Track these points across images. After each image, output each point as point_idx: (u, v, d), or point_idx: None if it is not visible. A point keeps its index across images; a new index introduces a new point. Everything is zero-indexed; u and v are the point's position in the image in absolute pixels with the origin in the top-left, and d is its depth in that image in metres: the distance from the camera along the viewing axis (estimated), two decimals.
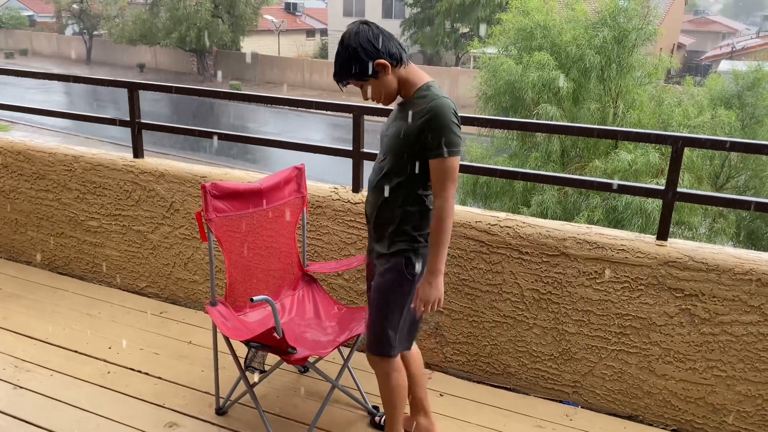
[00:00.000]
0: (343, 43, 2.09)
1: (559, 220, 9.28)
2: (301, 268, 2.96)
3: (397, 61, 2.10)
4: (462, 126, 2.19)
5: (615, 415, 2.92)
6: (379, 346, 2.30)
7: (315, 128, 25.18)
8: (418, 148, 2.12)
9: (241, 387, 2.82)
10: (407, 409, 2.59)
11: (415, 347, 2.55)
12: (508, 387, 3.09)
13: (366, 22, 2.12)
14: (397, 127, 2.19)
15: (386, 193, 2.22)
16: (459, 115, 2.13)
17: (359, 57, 2.07)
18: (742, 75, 11.32)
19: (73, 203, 3.96)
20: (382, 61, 2.08)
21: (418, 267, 2.23)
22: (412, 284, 2.24)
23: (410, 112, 2.12)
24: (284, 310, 2.83)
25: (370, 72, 2.09)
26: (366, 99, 2.20)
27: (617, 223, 9.09)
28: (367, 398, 2.87)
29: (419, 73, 2.17)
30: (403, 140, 2.14)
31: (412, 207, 2.21)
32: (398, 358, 2.36)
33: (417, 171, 2.16)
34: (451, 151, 2.08)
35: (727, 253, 2.64)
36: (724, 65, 25.08)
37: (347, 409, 2.86)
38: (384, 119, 2.49)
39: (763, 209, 2.75)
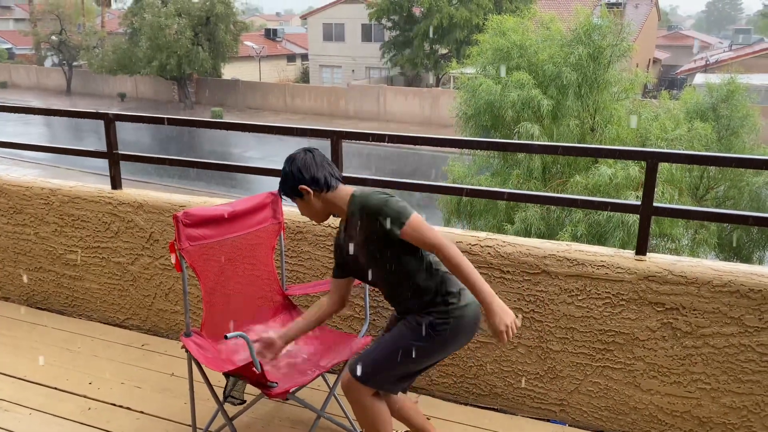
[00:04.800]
0: (284, 165, 2.37)
1: (543, 235, 9.36)
2: (281, 293, 2.94)
3: (320, 187, 2.32)
4: (443, 147, 2.26)
5: None
6: (363, 370, 2.28)
7: None
8: (386, 241, 2.22)
9: (221, 419, 2.77)
10: None
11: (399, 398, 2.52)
12: (495, 408, 3.07)
13: (309, 150, 2.35)
14: (353, 246, 2.34)
15: (398, 285, 2.32)
16: (383, 191, 2.28)
17: (287, 180, 2.34)
18: (716, 87, 11.53)
19: (51, 237, 3.91)
20: (303, 186, 2.32)
21: (446, 327, 2.26)
22: (433, 341, 2.26)
23: (353, 228, 2.31)
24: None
25: (295, 193, 2.35)
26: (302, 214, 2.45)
27: (600, 237, 9.15)
28: (356, 425, 2.84)
29: (344, 191, 2.34)
30: (368, 249, 2.28)
31: (427, 282, 2.28)
32: (374, 396, 2.33)
33: (407, 252, 2.25)
34: (406, 215, 2.19)
35: (706, 266, 2.66)
36: (699, 78, 25.56)
37: None
38: (362, 143, 2.53)
39: (739, 222, 2.79)
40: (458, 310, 2.26)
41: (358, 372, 2.28)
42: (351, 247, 2.36)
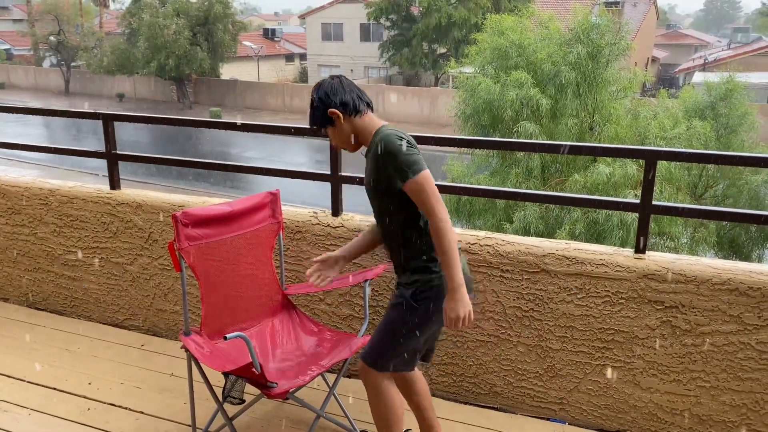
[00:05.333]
0: (312, 93, 2.33)
1: (542, 234, 9.36)
2: (280, 292, 2.94)
3: (350, 111, 2.28)
4: (442, 147, 2.25)
5: (602, 430, 2.91)
6: (373, 356, 2.34)
7: (297, 152, 25.20)
8: (389, 186, 2.23)
9: (221, 419, 2.77)
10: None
11: (420, 376, 2.54)
12: (495, 407, 3.07)
13: (335, 77, 2.32)
14: (367, 177, 2.35)
15: (392, 232, 2.34)
16: (408, 137, 2.24)
17: (315, 106, 2.30)
18: (714, 86, 11.52)
19: (50, 237, 3.91)
20: (333, 110, 2.27)
21: (428, 295, 2.28)
22: (418, 312, 2.28)
23: (369, 161, 2.30)
24: (263, 337, 2.79)
25: (325, 120, 2.30)
26: (333, 144, 2.41)
27: (599, 236, 9.14)
28: (356, 425, 2.84)
29: (374, 122, 2.32)
30: (375, 186, 2.29)
31: (415, 240, 2.30)
32: (392, 383, 2.37)
33: (404, 205, 2.25)
34: (414, 171, 2.16)
35: (705, 264, 2.66)
36: (698, 77, 25.57)
37: None
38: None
39: (737, 219, 2.78)
40: (439, 279, 2.28)
41: (368, 359, 2.34)
42: (366, 175, 2.36)
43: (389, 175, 2.20)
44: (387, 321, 2.37)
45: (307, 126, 3.30)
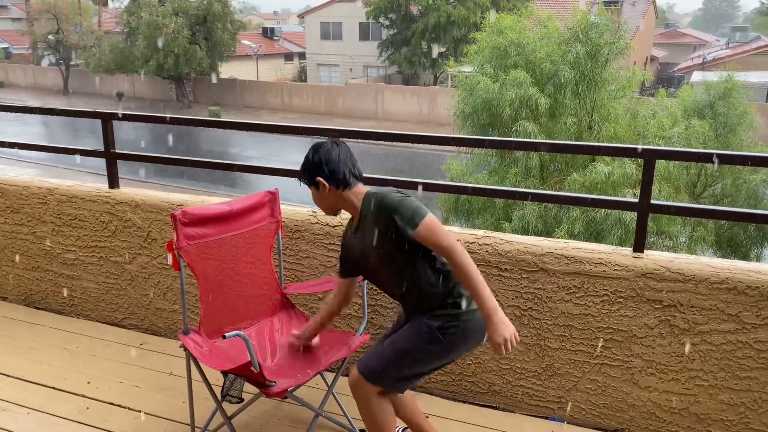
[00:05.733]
0: (308, 152, 2.36)
1: (541, 233, 9.37)
2: (279, 291, 2.94)
3: (337, 183, 2.32)
4: (441, 146, 2.25)
5: (601, 429, 2.91)
6: (374, 369, 2.30)
7: (297, 150, 25.13)
8: (398, 242, 2.22)
9: (220, 418, 2.77)
10: None
11: (408, 393, 2.53)
12: (494, 405, 3.07)
13: (336, 143, 2.35)
14: (367, 248, 2.32)
15: (411, 290, 2.30)
16: (398, 191, 2.28)
17: (307, 167, 2.35)
18: (713, 85, 11.53)
19: (49, 236, 3.90)
20: (320, 179, 2.31)
21: (455, 331, 2.26)
22: (440, 345, 2.26)
23: (368, 226, 2.30)
24: (262, 336, 2.79)
25: (311, 182, 2.35)
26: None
27: (597, 235, 9.15)
28: (354, 423, 2.84)
29: (360, 191, 2.34)
30: (384, 249, 2.26)
31: (436, 285, 2.28)
32: (380, 394, 2.34)
33: (417, 255, 2.26)
34: (421, 215, 2.18)
35: (703, 263, 2.66)
36: (696, 76, 25.58)
37: None
38: (360, 141, 2.54)
39: (736, 218, 2.79)
40: (467, 314, 2.26)
41: (367, 371, 2.29)
42: (362, 248, 2.35)
43: (398, 228, 2.19)
44: (402, 342, 2.31)
45: (306, 126, 3.33)
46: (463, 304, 2.27)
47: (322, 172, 2.31)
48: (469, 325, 2.27)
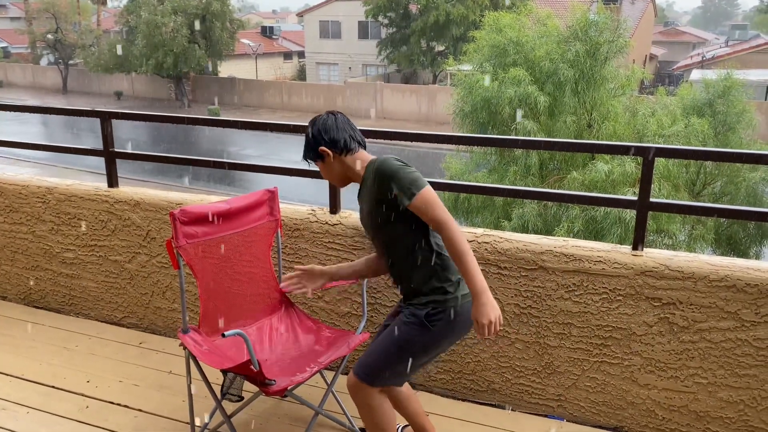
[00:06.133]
0: (307, 128, 2.38)
1: (540, 232, 9.37)
2: (279, 290, 2.94)
3: (340, 150, 2.31)
4: (440, 144, 2.25)
5: (600, 427, 2.92)
6: (370, 371, 2.28)
7: (295, 149, 24.93)
8: (393, 209, 2.21)
9: (219, 416, 2.77)
10: None
11: (409, 389, 2.53)
12: (493, 403, 3.07)
13: (331, 112, 2.37)
14: (366, 213, 2.33)
15: (402, 259, 2.30)
16: (401, 159, 2.25)
17: (308, 142, 2.35)
18: (712, 83, 11.53)
19: (48, 235, 3.90)
20: (323, 148, 2.31)
21: (442, 317, 2.25)
22: (430, 333, 2.25)
23: (366, 191, 2.30)
24: (261, 335, 2.79)
25: (316, 156, 2.35)
26: (324, 178, 2.47)
27: (597, 233, 9.16)
28: (354, 422, 2.84)
29: (365, 158, 2.34)
30: (378, 215, 2.26)
31: (427, 260, 2.27)
32: (383, 397, 2.34)
33: (411, 226, 2.24)
34: (418, 186, 2.16)
35: (702, 261, 2.66)
36: (696, 74, 25.58)
37: None
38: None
39: (735, 216, 2.79)
40: (455, 300, 2.26)
41: (362, 372, 2.28)
42: (364, 211, 2.35)
43: (393, 197, 2.18)
44: (393, 338, 2.29)
45: (305, 124, 3.33)
46: (450, 289, 2.26)
47: (323, 140, 2.31)
48: (457, 312, 2.25)
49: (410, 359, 2.29)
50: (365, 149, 2.38)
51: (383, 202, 2.22)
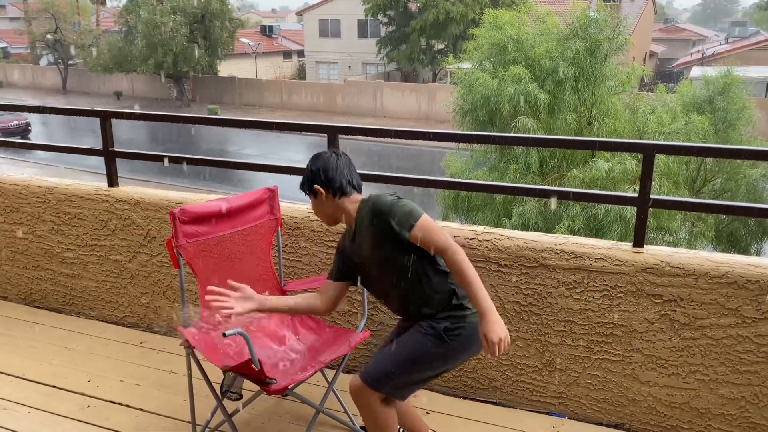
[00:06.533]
0: (308, 162, 2.40)
1: (541, 230, 9.36)
2: (279, 289, 2.94)
3: (334, 192, 2.33)
4: (440, 142, 2.24)
5: (602, 424, 2.91)
6: (378, 377, 2.26)
7: (295, 149, 25.18)
8: (396, 245, 2.21)
9: (220, 415, 2.77)
10: None
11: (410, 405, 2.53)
12: (494, 401, 3.07)
13: (336, 153, 2.38)
14: (368, 251, 2.30)
15: (412, 292, 2.28)
16: (392, 194, 2.26)
17: (307, 175, 2.37)
18: (712, 80, 11.52)
19: (48, 235, 3.90)
20: (317, 186, 2.33)
21: (461, 332, 2.25)
22: (446, 347, 2.24)
23: (364, 233, 2.29)
24: (262, 333, 2.79)
25: (311, 191, 2.37)
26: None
27: (598, 231, 9.15)
28: (355, 420, 2.84)
29: (356, 200, 2.34)
30: (382, 251, 2.25)
31: (443, 283, 2.27)
32: (383, 401, 2.32)
33: (415, 257, 2.23)
34: (415, 217, 2.17)
35: (703, 257, 2.66)
36: (696, 71, 25.56)
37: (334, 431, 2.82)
38: (359, 139, 2.53)
39: (735, 213, 2.79)
40: (473, 316, 2.25)
41: (369, 379, 2.25)
42: (361, 256, 2.33)
43: (393, 231, 2.17)
44: (407, 347, 2.27)
45: (304, 123, 3.33)
46: (469, 305, 2.26)
47: (320, 179, 2.33)
48: (475, 327, 2.21)
49: (422, 372, 2.28)
50: (360, 193, 2.37)
51: (384, 239, 2.22)
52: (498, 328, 2.10)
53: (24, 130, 25.06)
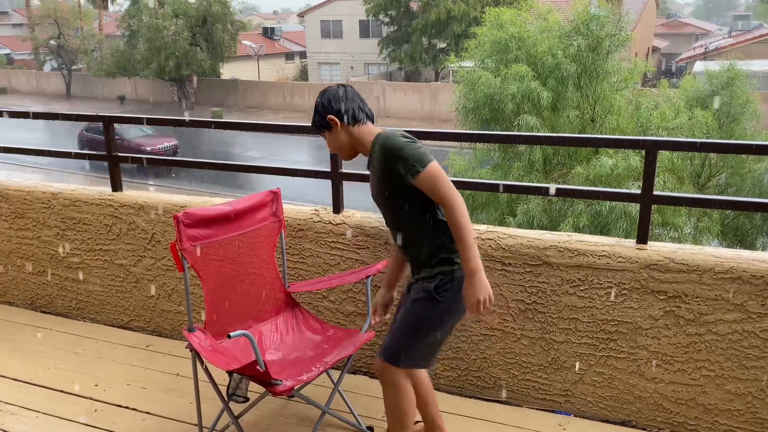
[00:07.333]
0: (316, 98, 2.40)
1: (545, 228, 9.35)
2: (284, 291, 2.95)
3: (348, 119, 2.33)
4: (444, 141, 2.26)
5: (608, 421, 2.91)
6: (394, 352, 2.33)
7: (299, 150, 25.22)
8: (400, 186, 2.23)
9: (227, 417, 2.78)
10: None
11: (424, 372, 2.55)
12: (500, 400, 3.07)
13: (341, 86, 2.38)
14: (375, 187, 2.35)
15: (412, 232, 2.33)
16: (408, 135, 2.28)
17: (317, 110, 2.37)
18: (715, 75, 11.49)
19: (54, 240, 3.92)
20: (332, 116, 2.33)
21: (450, 287, 2.27)
22: (441, 305, 2.28)
23: (373, 165, 2.33)
24: (267, 336, 2.80)
25: (323, 125, 2.37)
26: (330, 150, 2.50)
27: (603, 228, 9.13)
28: (361, 420, 2.84)
29: (372, 131, 2.35)
30: (386, 191, 2.29)
31: (434, 234, 2.30)
32: (408, 380, 2.36)
33: (418, 201, 2.26)
34: (423, 163, 2.18)
35: (707, 253, 2.65)
36: (699, 66, 25.46)
37: None
38: None
39: (740, 208, 2.78)
40: (461, 270, 2.26)
41: (387, 354, 2.32)
42: (371, 186, 2.38)
43: (399, 173, 2.20)
44: (408, 316, 2.35)
45: (308, 125, 3.34)
46: (457, 260, 2.28)
47: (332, 109, 2.32)
48: (462, 282, 2.25)
49: (427, 334, 2.32)
50: (373, 123, 2.39)
51: (389, 177, 2.24)
52: (476, 289, 2.14)
53: (173, 153, 23.09)
